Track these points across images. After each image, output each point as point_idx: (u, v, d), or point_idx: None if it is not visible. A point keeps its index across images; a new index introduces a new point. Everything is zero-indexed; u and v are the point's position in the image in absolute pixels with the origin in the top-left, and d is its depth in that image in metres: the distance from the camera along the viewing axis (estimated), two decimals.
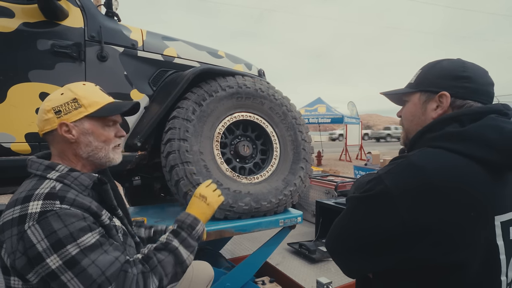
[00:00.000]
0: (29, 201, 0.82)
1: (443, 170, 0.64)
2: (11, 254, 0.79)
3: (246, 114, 2.01)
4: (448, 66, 0.77)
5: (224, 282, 1.80)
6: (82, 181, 0.92)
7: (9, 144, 1.51)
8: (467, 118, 0.71)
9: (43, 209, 0.80)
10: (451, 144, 0.67)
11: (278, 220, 1.91)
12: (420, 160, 0.66)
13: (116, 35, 1.79)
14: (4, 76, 1.48)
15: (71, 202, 0.85)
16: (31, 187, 0.86)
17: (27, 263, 0.79)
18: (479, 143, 0.65)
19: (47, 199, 0.82)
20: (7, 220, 0.81)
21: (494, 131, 0.65)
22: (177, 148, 1.72)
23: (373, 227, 0.67)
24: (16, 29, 1.50)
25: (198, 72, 1.84)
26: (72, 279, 0.79)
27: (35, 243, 0.78)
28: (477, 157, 0.65)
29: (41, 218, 0.79)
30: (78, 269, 0.79)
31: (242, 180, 1.92)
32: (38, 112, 0.97)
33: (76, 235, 0.80)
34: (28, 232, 0.78)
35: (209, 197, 1.15)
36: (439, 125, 0.73)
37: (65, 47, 1.61)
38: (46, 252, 0.78)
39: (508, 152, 0.64)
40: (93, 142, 0.98)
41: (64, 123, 0.93)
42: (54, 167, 0.92)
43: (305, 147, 2.13)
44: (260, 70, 2.51)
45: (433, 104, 0.78)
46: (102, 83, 1.68)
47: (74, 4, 1.66)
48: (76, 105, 0.95)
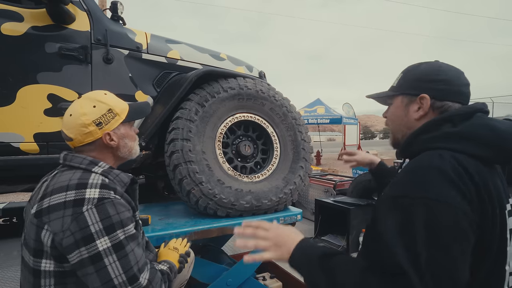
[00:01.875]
0: (85, 188, 0.90)
1: (457, 169, 0.65)
2: (60, 233, 0.86)
3: (247, 115, 2.06)
4: (426, 70, 0.83)
5: (226, 278, 1.86)
6: (122, 179, 1.02)
7: (19, 144, 1.55)
8: (458, 118, 0.76)
9: (101, 195, 0.90)
10: (452, 144, 0.71)
11: (279, 218, 1.97)
12: (436, 162, 0.68)
13: (121, 38, 1.84)
14: (13, 78, 1.54)
15: (121, 194, 0.96)
16: (80, 177, 0.94)
17: (74, 243, 0.85)
18: (476, 141, 0.70)
19: (103, 188, 0.92)
20: (58, 203, 0.88)
21: (488, 130, 0.71)
22: (180, 147, 1.77)
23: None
24: (25, 33, 1.55)
25: (200, 74, 1.89)
26: (114, 262, 0.87)
27: (90, 224, 0.86)
28: (478, 154, 0.70)
29: (99, 204, 0.89)
30: (122, 253, 0.88)
31: (244, 178, 1.97)
32: (71, 126, 1.01)
33: (125, 223, 0.91)
34: (85, 214, 0.86)
35: (180, 250, 1.32)
36: (432, 126, 0.78)
37: (72, 50, 1.66)
38: (97, 234, 0.86)
39: (500, 147, 0.70)
40: (128, 143, 1.11)
41: (108, 132, 1.04)
42: (97, 163, 1.01)
43: (305, 146, 2.19)
44: (261, 72, 2.56)
45: (415, 106, 0.83)
46: (108, 85, 1.75)
47: (81, 8, 1.71)
48: (112, 115, 1.05)
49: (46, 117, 1.60)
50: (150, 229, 1.68)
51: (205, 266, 1.88)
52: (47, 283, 0.89)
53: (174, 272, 1.16)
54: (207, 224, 1.78)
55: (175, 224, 1.77)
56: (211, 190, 1.79)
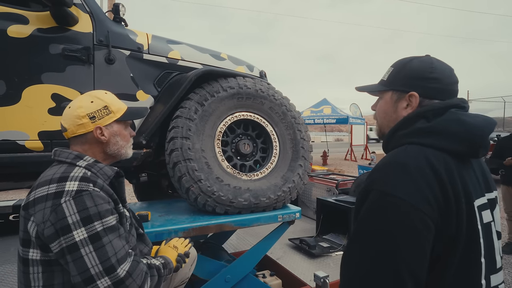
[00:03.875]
0: (66, 180, 0.95)
1: (417, 162, 0.68)
2: (41, 224, 0.91)
3: (247, 114, 2.08)
4: (417, 67, 0.83)
5: (225, 274, 1.88)
6: (106, 172, 1.06)
7: (24, 141, 1.61)
8: (432, 114, 0.77)
9: (79, 188, 0.94)
10: (423, 139, 0.73)
11: (277, 216, 1.98)
12: (393, 157, 0.72)
13: (123, 39, 1.89)
14: (19, 79, 1.59)
15: (100, 187, 0.99)
16: (63, 171, 0.99)
17: (54, 233, 0.90)
18: (446, 136, 0.72)
19: (82, 181, 0.96)
20: (41, 195, 0.93)
21: (456, 124, 0.72)
22: (179, 146, 1.80)
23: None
24: (30, 35, 1.61)
25: (200, 73, 1.93)
26: (90, 253, 0.90)
27: (67, 215, 0.90)
28: (448, 149, 0.71)
29: (77, 196, 0.92)
30: (99, 244, 0.91)
31: (242, 177, 2.00)
32: (67, 117, 1.09)
33: (102, 215, 0.94)
34: (63, 205, 0.91)
35: (179, 249, 1.35)
36: (408, 122, 0.79)
37: (75, 51, 1.71)
38: (74, 225, 0.90)
39: (470, 141, 0.70)
40: (119, 141, 1.15)
41: (99, 127, 1.09)
42: (82, 157, 1.05)
43: (304, 145, 2.20)
44: (262, 71, 2.58)
45: (404, 103, 0.84)
46: (110, 85, 1.80)
47: (84, 11, 1.76)
48: (107, 112, 1.11)
49: (50, 116, 1.66)
50: (150, 225, 1.71)
51: (204, 262, 1.91)
52: (35, 271, 0.95)
53: (168, 269, 1.18)
54: (205, 221, 1.80)
55: (174, 221, 1.80)
56: (210, 188, 1.82)
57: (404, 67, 0.85)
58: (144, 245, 1.28)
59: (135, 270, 0.97)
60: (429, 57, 0.85)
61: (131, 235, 1.14)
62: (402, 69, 0.85)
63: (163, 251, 1.31)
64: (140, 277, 0.98)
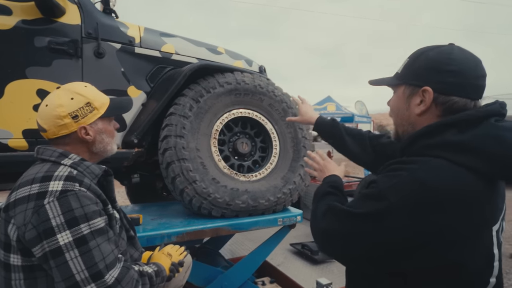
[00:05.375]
0: (50, 180, 0.88)
1: (448, 187, 0.62)
2: (22, 227, 0.84)
3: (245, 111, 1.98)
4: (433, 57, 0.72)
5: (222, 281, 1.79)
6: (93, 170, 0.99)
7: (7, 140, 1.52)
8: (465, 124, 0.66)
9: (64, 188, 0.87)
10: (452, 155, 0.64)
11: (277, 219, 1.88)
12: (424, 175, 0.63)
13: (113, 31, 1.79)
14: (1, 73, 1.51)
15: (87, 186, 0.92)
16: (47, 169, 0.92)
17: (36, 236, 0.83)
18: (481, 156, 0.63)
19: (68, 180, 0.89)
20: (23, 196, 0.87)
21: (495, 143, 0.63)
22: (173, 145, 1.71)
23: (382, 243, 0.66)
24: (13, 26, 1.52)
25: (195, 68, 1.83)
26: (76, 258, 0.82)
27: (51, 217, 0.83)
28: (480, 171, 0.63)
29: (62, 196, 0.86)
30: (85, 248, 0.84)
31: (240, 177, 1.89)
32: (46, 117, 0.98)
33: (89, 216, 0.87)
34: (46, 207, 0.84)
35: (174, 257, 1.27)
36: (436, 131, 0.69)
37: (62, 44, 1.62)
38: (59, 228, 0.83)
39: (505, 163, 0.62)
40: (105, 138, 1.07)
41: (83, 126, 1.01)
42: (67, 155, 0.98)
43: (306, 144, 2.09)
44: (261, 66, 2.48)
45: (417, 99, 0.74)
46: (99, 80, 1.70)
47: (71, 1, 1.67)
48: (90, 109, 1.02)
49: (35, 113, 1.55)
50: (142, 228, 1.62)
51: (200, 268, 1.81)
52: (17, 277, 0.88)
53: (161, 277, 1.09)
54: (201, 225, 1.71)
55: (167, 224, 1.70)
56: (206, 189, 1.72)
57: (418, 58, 0.75)
58: (134, 250, 1.19)
59: (125, 277, 0.89)
60: (450, 47, 0.73)
61: (121, 238, 1.06)
62: (416, 60, 0.75)
63: (156, 257, 1.21)
64: (130, 285, 0.90)
